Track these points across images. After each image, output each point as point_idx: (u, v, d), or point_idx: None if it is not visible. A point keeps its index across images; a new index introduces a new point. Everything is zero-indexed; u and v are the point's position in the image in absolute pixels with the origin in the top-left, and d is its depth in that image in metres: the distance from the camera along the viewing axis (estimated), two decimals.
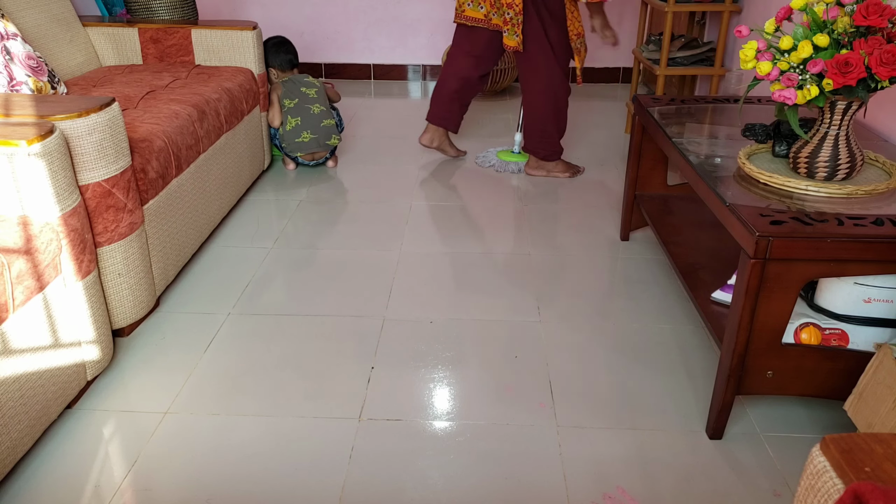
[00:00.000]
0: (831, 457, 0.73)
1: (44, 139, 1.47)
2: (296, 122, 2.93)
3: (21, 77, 2.13)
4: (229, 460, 1.50)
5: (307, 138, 2.93)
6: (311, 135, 2.95)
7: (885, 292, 1.45)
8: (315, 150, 2.99)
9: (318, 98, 2.99)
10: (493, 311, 2.06)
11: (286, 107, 2.95)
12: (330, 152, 3.09)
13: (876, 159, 1.68)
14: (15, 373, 1.38)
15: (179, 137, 2.12)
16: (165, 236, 2.03)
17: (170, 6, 3.35)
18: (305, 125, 2.94)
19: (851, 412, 1.40)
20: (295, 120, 2.93)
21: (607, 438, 1.57)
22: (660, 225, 2.16)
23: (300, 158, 3.02)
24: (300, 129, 2.93)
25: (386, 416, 1.63)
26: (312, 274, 2.26)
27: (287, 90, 2.97)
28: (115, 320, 1.82)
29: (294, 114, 2.94)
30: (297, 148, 2.96)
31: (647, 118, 2.14)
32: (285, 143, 2.96)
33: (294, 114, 2.94)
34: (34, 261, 1.43)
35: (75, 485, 1.43)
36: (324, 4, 4.49)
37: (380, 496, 1.42)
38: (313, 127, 2.95)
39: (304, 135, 2.94)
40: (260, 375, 1.77)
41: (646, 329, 1.98)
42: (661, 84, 3.23)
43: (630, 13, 4.45)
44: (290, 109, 2.94)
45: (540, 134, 2.94)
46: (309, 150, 2.96)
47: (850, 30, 1.41)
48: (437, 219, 2.66)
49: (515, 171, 3.10)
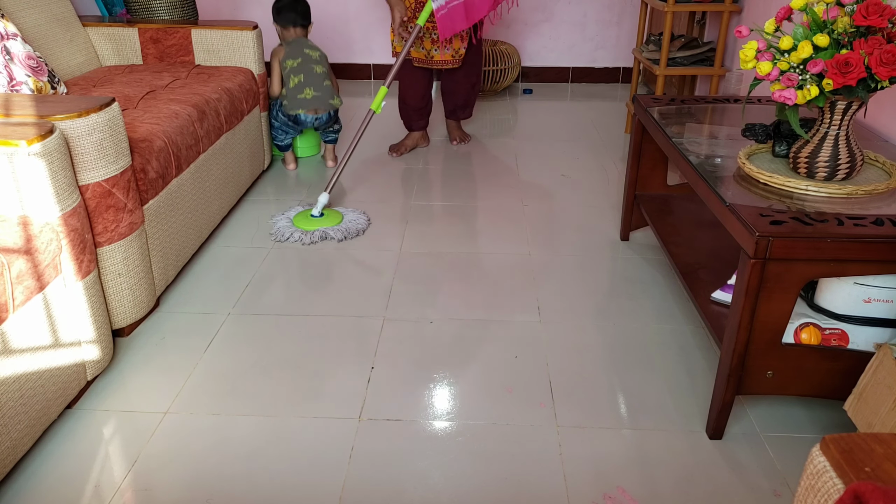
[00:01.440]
0: (831, 457, 0.73)
1: (44, 139, 1.47)
2: (298, 79, 2.91)
3: (21, 77, 2.13)
4: (229, 460, 1.50)
5: (310, 94, 2.92)
6: (314, 91, 2.92)
7: (885, 292, 1.45)
8: (317, 107, 2.95)
9: (321, 61, 2.98)
10: (493, 311, 2.06)
11: (288, 67, 2.93)
12: (331, 115, 3.03)
13: (876, 159, 1.68)
14: (15, 373, 1.38)
15: (179, 137, 2.12)
16: (165, 236, 2.03)
17: (170, 6, 3.35)
18: (308, 82, 2.92)
19: (851, 412, 1.40)
20: (297, 77, 2.91)
21: (607, 438, 1.57)
22: (660, 225, 2.16)
23: (302, 115, 2.94)
24: (303, 86, 2.91)
25: (386, 416, 1.63)
26: (312, 274, 2.26)
27: (289, 52, 2.95)
28: (115, 320, 1.82)
29: (296, 72, 2.92)
30: (300, 104, 2.92)
31: (647, 118, 2.14)
32: (287, 101, 2.93)
33: (296, 72, 2.92)
34: (34, 261, 1.43)
35: (75, 485, 1.43)
36: (324, 4, 4.48)
37: (380, 496, 1.42)
38: (316, 84, 2.93)
39: (307, 91, 2.92)
40: (260, 375, 1.77)
41: (646, 329, 1.98)
42: (661, 84, 3.23)
43: (630, 13, 4.45)
44: (292, 69, 2.93)
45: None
46: (311, 106, 2.92)
47: (850, 30, 1.41)
48: (437, 219, 2.66)
49: (320, 238, 2.49)
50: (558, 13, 4.48)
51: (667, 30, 3.09)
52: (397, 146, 3.38)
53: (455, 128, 3.53)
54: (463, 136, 3.52)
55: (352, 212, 2.65)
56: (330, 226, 2.53)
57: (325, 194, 2.60)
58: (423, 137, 3.48)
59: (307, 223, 2.55)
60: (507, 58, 4.26)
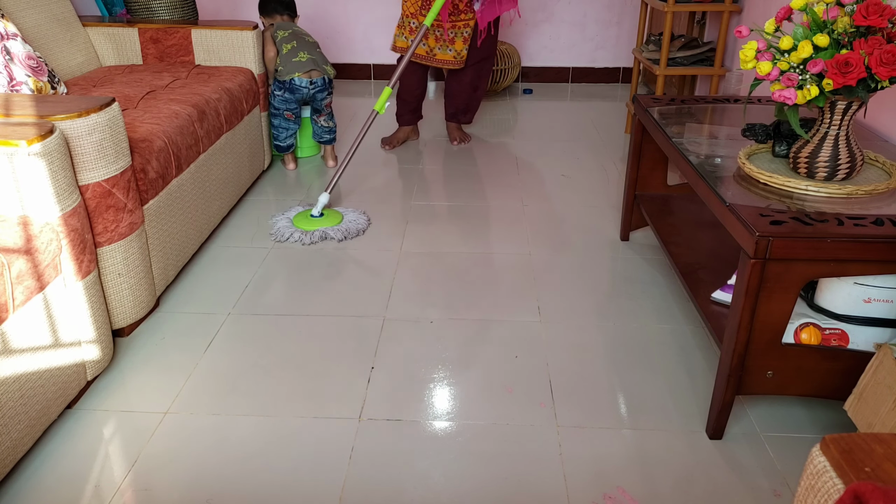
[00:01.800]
0: (831, 457, 0.73)
1: (44, 139, 1.47)
2: (291, 45, 2.93)
3: (21, 77, 2.13)
4: (229, 460, 1.50)
5: (304, 58, 2.93)
6: (307, 55, 2.93)
7: (885, 292, 1.45)
8: (312, 69, 2.94)
9: (310, 36, 3.03)
10: (493, 311, 2.06)
11: (279, 37, 2.95)
12: (326, 81, 3.00)
13: (876, 159, 1.68)
14: (15, 373, 1.38)
15: (179, 137, 2.12)
16: (165, 236, 2.03)
17: (170, 6, 3.35)
18: (301, 47, 2.94)
19: (851, 412, 1.40)
20: (290, 45, 2.93)
21: (607, 438, 1.57)
22: (660, 225, 2.16)
23: (296, 79, 2.91)
24: (297, 51, 2.92)
25: (386, 416, 1.63)
26: (312, 274, 2.26)
27: (279, 25, 2.99)
28: (115, 320, 1.82)
29: (288, 41, 2.94)
30: (295, 68, 2.91)
31: (647, 118, 2.14)
32: (282, 67, 2.94)
33: (288, 41, 2.94)
34: (34, 261, 1.43)
35: (75, 485, 1.43)
36: (324, 4, 4.49)
37: (380, 496, 1.42)
38: (309, 49, 2.95)
39: (301, 55, 2.92)
40: (260, 375, 1.77)
41: (646, 329, 1.98)
42: (661, 84, 3.23)
43: (630, 13, 4.45)
44: (284, 38, 2.95)
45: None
46: (306, 68, 2.92)
47: (850, 30, 1.41)
48: (437, 219, 2.66)
49: (320, 238, 2.49)
50: (558, 13, 4.48)
51: (667, 30, 3.09)
52: (389, 139, 3.45)
53: (455, 129, 3.54)
54: (463, 137, 3.53)
55: (352, 212, 2.65)
56: (330, 226, 2.52)
57: (325, 194, 2.59)
58: (414, 131, 3.54)
59: (307, 223, 2.54)
60: (507, 58, 4.26)
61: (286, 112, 2.98)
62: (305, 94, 2.97)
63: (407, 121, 3.48)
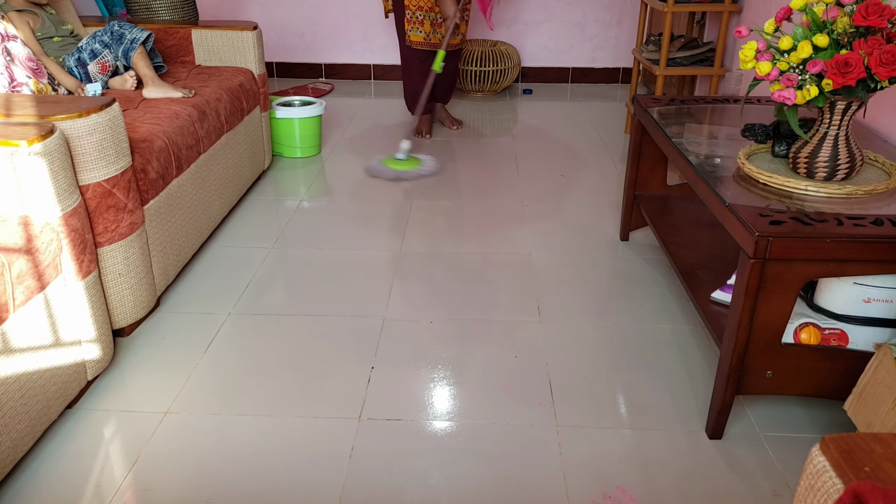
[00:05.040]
0: (831, 457, 0.73)
1: (44, 139, 1.47)
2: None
3: (22, 78, 2.14)
4: (230, 460, 1.50)
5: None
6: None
7: (885, 292, 1.46)
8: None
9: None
10: (493, 311, 2.06)
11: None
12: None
13: (876, 159, 1.68)
14: (15, 373, 1.38)
15: (180, 137, 2.12)
16: (166, 236, 2.03)
17: (170, 6, 3.36)
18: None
19: (851, 412, 1.40)
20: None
21: (607, 438, 1.57)
22: (659, 225, 2.16)
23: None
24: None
25: (386, 416, 1.64)
26: (312, 274, 2.26)
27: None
28: (116, 320, 1.82)
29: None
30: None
31: (647, 118, 2.15)
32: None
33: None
34: (35, 261, 1.43)
35: (76, 484, 1.44)
36: (324, 4, 4.49)
37: (380, 496, 1.42)
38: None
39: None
40: (260, 375, 1.77)
41: (646, 329, 1.98)
42: (661, 84, 3.23)
43: (630, 13, 4.45)
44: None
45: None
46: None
47: (850, 30, 1.41)
48: (437, 218, 2.66)
49: (410, 176, 3.08)
50: (558, 13, 4.48)
51: (666, 30, 3.09)
52: (423, 129, 3.56)
53: (446, 114, 3.72)
54: (456, 120, 3.72)
55: (425, 157, 3.23)
56: (415, 167, 3.12)
57: (406, 141, 3.16)
58: (431, 119, 3.68)
59: (396, 164, 3.13)
60: (507, 58, 4.26)
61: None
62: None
63: (427, 109, 3.57)
